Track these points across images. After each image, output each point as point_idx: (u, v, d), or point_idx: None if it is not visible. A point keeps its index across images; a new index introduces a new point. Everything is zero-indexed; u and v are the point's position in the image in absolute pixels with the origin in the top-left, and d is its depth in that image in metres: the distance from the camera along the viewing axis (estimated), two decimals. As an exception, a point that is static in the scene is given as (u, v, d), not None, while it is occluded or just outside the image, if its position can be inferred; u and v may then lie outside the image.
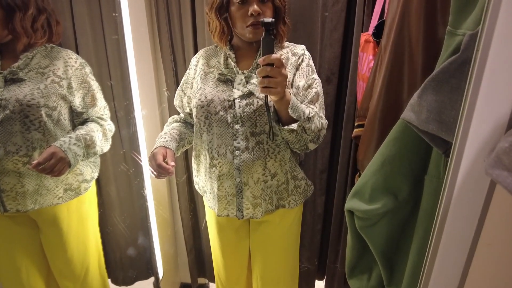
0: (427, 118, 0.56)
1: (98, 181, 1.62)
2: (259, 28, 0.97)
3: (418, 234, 0.73)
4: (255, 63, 1.04)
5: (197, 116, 1.06)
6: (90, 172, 1.26)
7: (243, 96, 1.01)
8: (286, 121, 0.95)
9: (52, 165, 1.04)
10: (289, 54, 1.06)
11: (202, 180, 1.18)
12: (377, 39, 1.10)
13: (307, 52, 1.07)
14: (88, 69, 1.22)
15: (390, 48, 0.85)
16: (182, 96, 1.20)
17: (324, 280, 1.72)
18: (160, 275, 1.84)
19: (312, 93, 1.01)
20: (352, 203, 0.81)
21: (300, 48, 1.08)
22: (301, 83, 1.02)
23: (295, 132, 0.94)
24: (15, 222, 1.19)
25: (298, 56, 1.05)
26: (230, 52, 1.06)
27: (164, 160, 1.04)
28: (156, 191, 1.72)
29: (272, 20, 0.80)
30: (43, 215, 1.18)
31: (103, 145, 1.25)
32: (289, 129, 0.93)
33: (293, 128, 0.93)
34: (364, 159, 1.02)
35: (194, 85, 1.11)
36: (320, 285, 1.76)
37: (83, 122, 1.24)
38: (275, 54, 0.81)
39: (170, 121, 1.27)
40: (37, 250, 1.25)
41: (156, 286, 1.73)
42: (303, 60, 1.05)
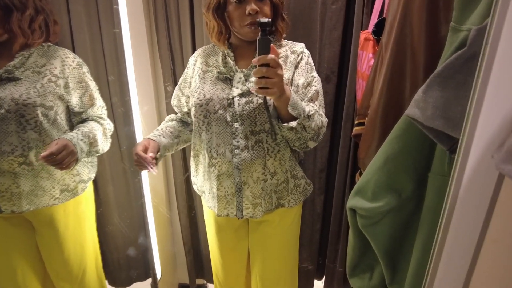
0: (433, 114, 0.56)
1: (96, 180, 1.60)
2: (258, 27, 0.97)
3: (421, 232, 0.72)
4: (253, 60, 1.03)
5: (195, 115, 1.05)
6: (87, 172, 1.25)
7: (242, 94, 1.00)
8: (286, 118, 0.94)
9: (63, 156, 1.02)
10: (288, 52, 1.05)
11: (200, 180, 1.17)
12: (377, 37, 1.10)
13: (306, 50, 1.07)
14: (85, 68, 1.20)
15: (392, 46, 0.84)
16: (179, 96, 1.19)
17: (323, 279, 1.72)
18: (158, 275, 1.83)
19: (311, 91, 1.01)
20: (354, 201, 0.81)
21: (299, 46, 1.07)
22: (300, 81, 1.01)
23: (294, 129, 0.93)
24: (10, 223, 1.17)
25: (297, 54, 1.04)
26: (228, 51, 1.05)
27: (146, 152, 1.03)
28: (155, 191, 1.70)
29: (268, 21, 0.79)
30: (39, 216, 1.16)
31: (104, 144, 1.24)
32: (288, 126, 0.93)
33: (292, 126, 0.92)
34: (366, 157, 1.01)
35: (192, 84, 1.10)
36: (319, 284, 1.76)
37: (82, 121, 1.22)
38: (270, 55, 0.81)
39: (167, 120, 1.26)
40: (33, 252, 1.23)
41: (154, 287, 1.72)
42: (302, 58, 1.04)
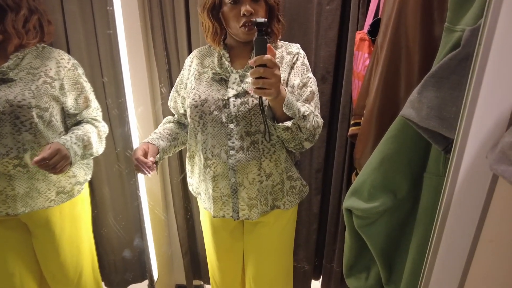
0: (428, 114, 0.56)
1: (92, 182, 1.59)
2: (253, 28, 0.96)
3: (417, 231, 0.73)
4: (250, 61, 1.03)
5: (191, 116, 1.05)
6: (83, 174, 1.24)
7: (237, 95, 1.00)
8: (281, 118, 0.94)
9: (56, 161, 1.02)
10: (283, 53, 1.05)
11: (196, 181, 1.17)
12: (372, 37, 1.10)
13: (302, 51, 1.07)
14: (80, 70, 1.19)
15: (387, 46, 0.85)
16: (176, 97, 1.18)
17: (321, 279, 1.72)
18: (155, 277, 1.82)
19: (307, 92, 1.01)
20: (350, 202, 0.81)
21: (295, 47, 1.07)
22: (296, 82, 1.01)
23: (290, 130, 0.93)
24: (5, 226, 1.15)
25: (292, 55, 1.04)
26: (224, 52, 1.05)
27: (146, 156, 1.03)
28: (151, 192, 1.70)
29: (264, 20, 0.79)
30: (34, 218, 1.15)
31: (98, 146, 1.23)
32: (284, 126, 0.92)
33: (288, 126, 0.92)
34: (362, 157, 1.02)
35: (188, 85, 1.10)
36: (316, 284, 1.76)
37: (77, 124, 1.22)
38: (267, 55, 0.80)
39: (164, 121, 1.25)
40: (29, 255, 1.22)
41: (151, 289, 1.71)
42: (297, 59, 1.04)
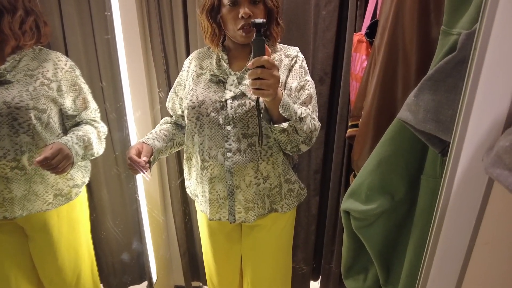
0: (424, 117, 0.56)
1: (90, 185, 1.59)
2: (251, 31, 0.96)
3: (414, 233, 0.73)
4: (248, 64, 1.03)
5: (188, 118, 1.05)
6: (81, 177, 1.24)
7: (235, 97, 1.00)
8: (278, 120, 0.93)
9: (58, 160, 1.01)
10: (282, 56, 1.05)
11: (193, 183, 1.16)
12: (370, 39, 1.11)
13: (301, 54, 1.07)
14: (78, 71, 1.19)
15: (384, 48, 0.85)
16: (174, 98, 1.18)
17: (319, 280, 1.72)
18: (154, 279, 1.82)
19: (304, 94, 1.01)
20: (348, 204, 0.81)
21: (293, 50, 1.07)
22: (293, 84, 1.01)
23: (286, 132, 0.93)
24: (1, 230, 1.15)
25: (291, 58, 1.04)
26: (222, 54, 1.05)
27: (140, 156, 1.02)
28: (149, 195, 1.70)
29: (263, 21, 0.79)
30: (31, 221, 1.15)
31: (99, 147, 1.23)
32: (280, 128, 0.92)
33: (284, 127, 0.92)
34: (359, 159, 1.02)
35: (186, 86, 1.10)
36: (315, 285, 1.76)
37: (76, 125, 1.21)
38: (265, 56, 0.80)
39: (161, 122, 1.25)
40: (26, 259, 1.21)
41: (150, 291, 1.71)
42: (296, 62, 1.04)
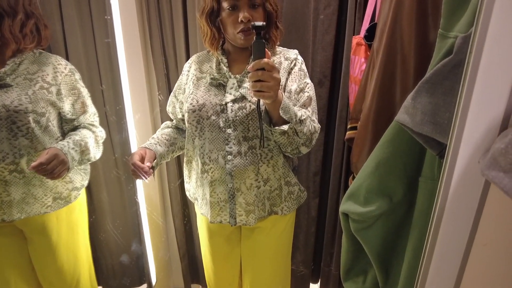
0: (422, 120, 0.57)
1: (90, 187, 1.59)
2: (250, 34, 0.97)
3: (413, 235, 0.73)
4: (248, 67, 1.03)
5: (188, 121, 1.05)
6: (80, 179, 1.24)
7: (235, 100, 1.00)
8: (278, 122, 0.94)
9: (54, 166, 1.01)
10: (281, 59, 1.06)
11: (193, 186, 1.17)
12: (368, 42, 1.11)
13: (300, 57, 1.07)
14: (77, 75, 1.19)
15: (383, 51, 0.86)
16: (174, 102, 1.19)
17: (319, 283, 1.72)
18: (153, 281, 1.82)
19: (304, 97, 1.01)
20: (347, 206, 0.81)
21: (293, 52, 1.08)
22: (293, 87, 1.02)
23: (286, 134, 0.93)
24: (0, 233, 1.15)
25: (290, 61, 1.05)
26: (222, 57, 1.05)
27: (143, 161, 1.03)
28: (148, 197, 1.70)
29: (263, 24, 0.79)
30: (30, 224, 1.15)
31: (96, 152, 1.23)
32: (280, 130, 0.92)
33: (284, 130, 0.92)
34: (358, 161, 1.02)
35: (186, 90, 1.10)
36: (315, 288, 1.76)
37: (74, 129, 1.21)
38: (265, 59, 0.81)
39: (162, 127, 1.26)
40: (25, 262, 1.21)
41: (149, 293, 1.71)
42: (295, 65, 1.05)
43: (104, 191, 1.61)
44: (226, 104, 1.01)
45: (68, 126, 1.21)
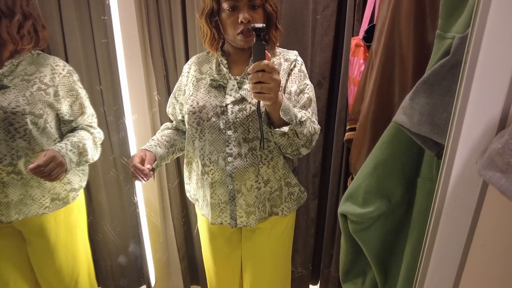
0: (419, 120, 0.57)
1: (88, 187, 1.59)
2: (250, 36, 0.97)
3: (412, 236, 0.73)
4: (248, 68, 1.03)
5: (189, 123, 1.05)
6: (79, 180, 1.24)
7: (235, 102, 1.00)
8: (278, 124, 0.94)
9: (51, 168, 1.01)
10: (281, 60, 1.06)
11: (193, 188, 1.17)
12: (367, 43, 1.11)
13: (300, 58, 1.07)
14: (75, 76, 1.19)
15: (381, 52, 0.86)
16: (174, 103, 1.19)
17: (318, 284, 1.72)
18: (152, 283, 1.82)
19: (304, 98, 1.01)
20: (345, 207, 0.81)
21: (292, 54, 1.08)
22: (293, 88, 1.02)
23: (287, 135, 0.93)
24: None
25: (290, 62, 1.05)
26: (222, 58, 1.05)
27: (143, 163, 1.03)
28: (147, 198, 1.70)
29: (262, 26, 0.80)
30: (28, 225, 1.14)
31: (94, 153, 1.22)
32: (280, 132, 0.92)
33: (284, 131, 0.92)
34: (357, 162, 1.02)
35: (186, 91, 1.10)
36: (314, 289, 1.76)
37: (72, 130, 1.21)
38: (265, 60, 0.81)
39: (162, 128, 1.25)
40: (24, 262, 1.21)
41: (148, 295, 1.71)
42: (295, 66, 1.05)
43: (102, 192, 1.61)
44: (227, 106, 1.00)
45: (66, 127, 1.20)
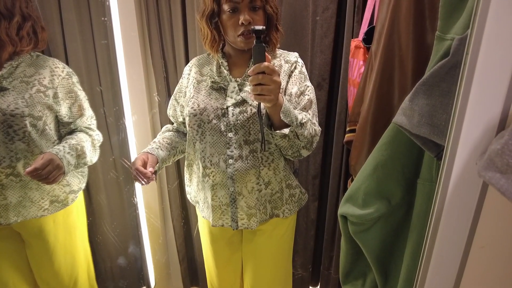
0: (419, 121, 0.57)
1: (88, 189, 1.59)
2: (251, 37, 0.97)
3: (412, 238, 0.73)
4: (248, 70, 1.03)
5: (189, 125, 1.05)
6: (78, 182, 1.23)
7: (236, 104, 1.00)
8: (279, 126, 0.94)
9: (49, 171, 1.01)
10: (282, 62, 1.06)
11: (194, 190, 1.16)
12: (367, 45, 1.12)
13: (300, 60, 1.07)
14: (75, 78, 1.19)
15: (381, 54, 0.86)
16: (175, 105, 1.19)
17: (318, 286, 1.71)
18: (152, 284, 1.81)
19: (305, 100, 1.01)
20: (345, 208, 0.81)
21: (293, 55, 1.08)
22: (293, 90, 1.02)
23: (287, 137, 0.93)
24: None
25: (291, 64, 1.05)
26: (222, 60, 1.05)
27: (145, 166, 1.03)
28: (147, 199, 1.70)
29: (262, 28, 0.80)
30: (27, 227, 1.14)
31: (92, 155, 1.22)
32: (281, 134, 0.93)
33: (285, 133, 0.92)
34: (357, 164, 1.02)
35: (187, 93, 1.10)
36: (314, 291, 1.75)
37: (71, 132, 1.21)
38: (265, 62, 0.81)
39: (163, 130, 1.25)
40: (23, 264, 1.21)
41: (148, 296, 1.70)
42: (295, 68, 1.05)
43: (102, 193, 1.61)
44: (227, 108, 1.00)
45: (65, 130, 1.20)
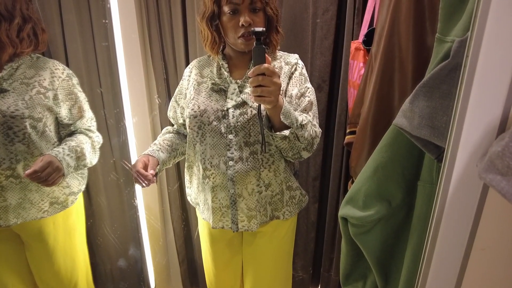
0: (419, 123, 0.57)
1: (88, 190, 1.59)
2: (251, 39, 0.97)
3: (412, 240, 0.73)
4: (248, 72, 1.04)
5: (190, 126, 1.05)
6: (78, 184, 1.23)
7: (236, 106, 1.00)
8: (279, 128, 0.94)
9: (48, 173, 1.01)
10: (282, 64, 1.06)
11: (194, 191, 1.16)
12: (367, 47, 1.12)
13: (300, 61, 1.08)
14: (75, 80, 1.19)
15: (381, 56, 0.86)
16: (175, 107, 1.19)
17: (319, 288, 1.71)
18: (152, 286, 1.81)
19: (305, 101, 1.01)
20: (345, 210, 0.81)
21: (293, 57, 1.08)
22: (294, 91, 1.02)
23: (287, 139, 0.93)
24: None
25: (291, 65, 1.05)
26: (223, 62, 1.05)
27: (146, 168, 1.03)
28: (147, 201, 1.69)
29: (262, 29, 0.80)
30: (27, 229, 1.14)
31: (92, 157, 1.22)
32: (281, 135, 0.93)
33: (285, 135, 0.92)
34: (357, 165, 1.02)
35: (187, 95, 1.10)
36: (314, 293, 1.75)
37: (71, 134, 1.21)
38: (265, 64, 0.81)
39: (163, 132, 1.25)
40: (22, 266, 1.21)
41: (148, 298, 1.70)
42: (296, 69, 1.05)
43: (102, 195, 1.61)
44: (228, 109, 1.00)
45: (65, 131, 1.20)
